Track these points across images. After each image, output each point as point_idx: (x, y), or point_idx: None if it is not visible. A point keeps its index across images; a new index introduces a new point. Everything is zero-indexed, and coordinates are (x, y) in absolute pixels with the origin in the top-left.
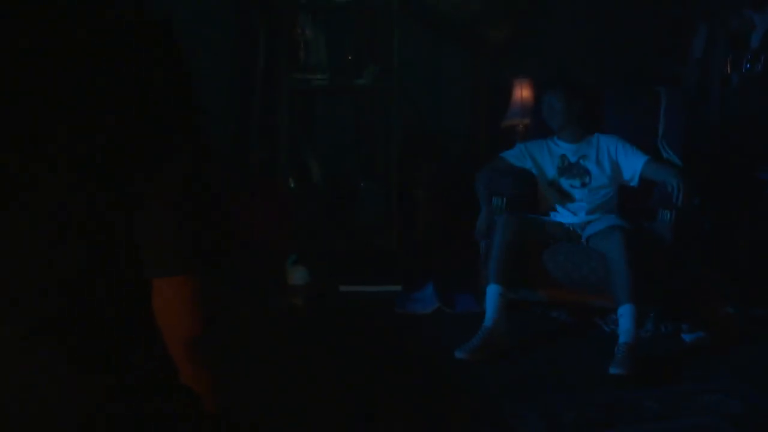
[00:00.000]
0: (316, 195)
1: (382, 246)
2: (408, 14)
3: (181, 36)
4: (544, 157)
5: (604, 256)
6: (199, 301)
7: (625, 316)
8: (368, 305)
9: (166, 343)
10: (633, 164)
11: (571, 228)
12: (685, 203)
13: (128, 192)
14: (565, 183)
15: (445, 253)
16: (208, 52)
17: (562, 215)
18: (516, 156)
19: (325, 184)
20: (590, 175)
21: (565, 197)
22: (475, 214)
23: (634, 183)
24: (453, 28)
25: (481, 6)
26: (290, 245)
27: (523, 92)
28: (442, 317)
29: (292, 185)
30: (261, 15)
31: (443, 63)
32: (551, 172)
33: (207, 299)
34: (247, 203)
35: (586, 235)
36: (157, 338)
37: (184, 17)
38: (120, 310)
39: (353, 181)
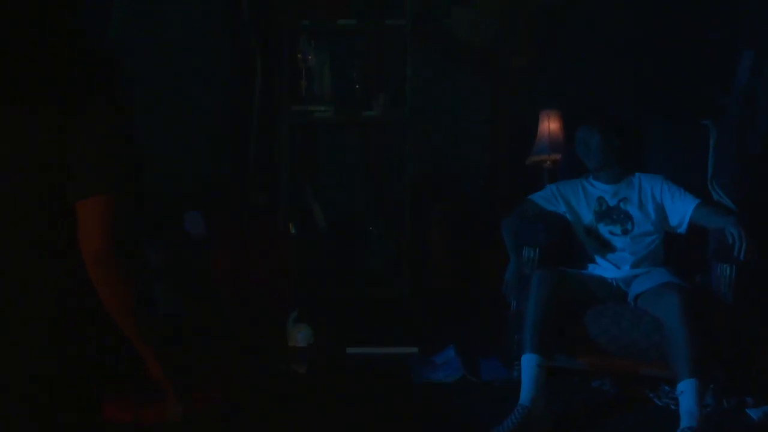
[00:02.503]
0: (319, 242)
1: (393, 298)
2: (422, 39)
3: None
4: (579, 199)
5: (658, 319)
6: (109, 219)
7: (687, 393)
8: (380, 370)
9: (84, 261)
10: (681, 208)
11: (615, 284)
12: (748, 257)
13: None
14: (603, 230)
15: (465, 308)
16: (199, 81)
17: (603, 268)
18: (547, 198)
19: (330, 229)
20: (632, 221)
21: (605, 246)
22: (499, 262)
23: (683, 230)
24: (471, 54)
25: (503, 30)
26: (291, 300)
27: (550, 125)
28: (466, 387)
29: (293, 231)
30: (258, 39)
31: (461, 92)
32: (587, 216)
33: (116, 219)
34: (243, 252)
35: (633, 293)
36: None
37: (172, 43)
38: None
39: (361, 225)
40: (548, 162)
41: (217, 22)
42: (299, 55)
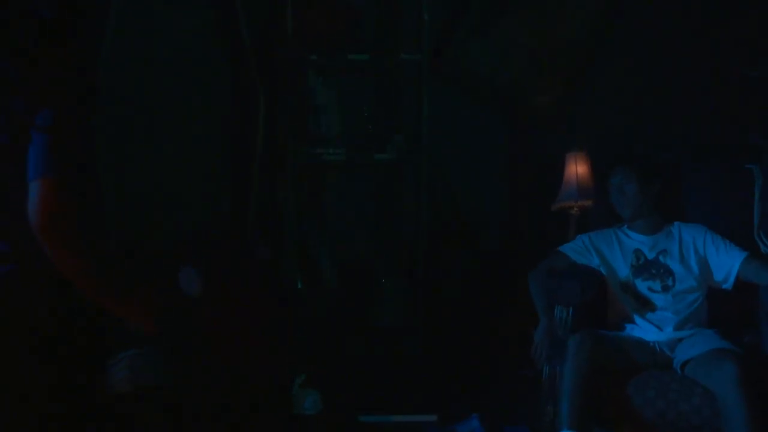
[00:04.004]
0: (328, 297)
1: (408, 358)
2: (439, 76)
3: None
4: (614, 252)
5: (711, 391)
6: (51, 201)
7: None
8: None
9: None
10: (727, 262)
11: (658, 348)
12: None
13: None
14: (641, 286)
15: (488, 370)
16: (196, 121)
17: (643, 329)
18: (578, 251)
19: (339, 283)
20: (673, 276)
21: (644, 305)
22: (524, 318)
23: (728, 285)
24: (492, 91)
25: (526, 66)
26: (297, 363)
27: (578, 168)
28: None
29: (299, 286)
30: (261, 75)
31: (480, 134)
32: (624, 271)
33: (60, 202)
34: (243, 310)
35: (679, 360)
36: None
37: (166, 78)
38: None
39: (373, 277)
40: (575, 209)
41: (216, 55)
42: (307, 92)
